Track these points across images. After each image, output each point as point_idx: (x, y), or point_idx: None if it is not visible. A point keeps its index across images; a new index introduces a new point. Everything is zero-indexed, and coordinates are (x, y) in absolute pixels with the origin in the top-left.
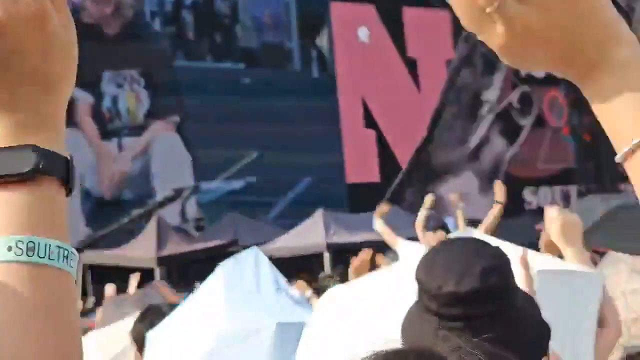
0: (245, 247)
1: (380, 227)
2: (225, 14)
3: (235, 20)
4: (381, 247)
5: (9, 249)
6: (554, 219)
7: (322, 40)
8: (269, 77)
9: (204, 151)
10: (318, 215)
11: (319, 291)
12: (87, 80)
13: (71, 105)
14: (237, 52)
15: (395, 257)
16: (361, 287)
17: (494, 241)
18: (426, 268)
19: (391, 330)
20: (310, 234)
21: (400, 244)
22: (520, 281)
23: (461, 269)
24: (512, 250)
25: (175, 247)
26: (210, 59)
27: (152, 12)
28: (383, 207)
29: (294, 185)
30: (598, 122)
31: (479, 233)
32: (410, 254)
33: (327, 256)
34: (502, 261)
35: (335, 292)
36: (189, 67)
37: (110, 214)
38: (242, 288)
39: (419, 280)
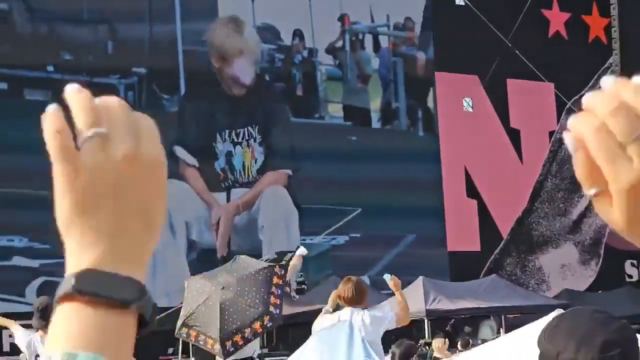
0: None
1: None
2: (331, 73)
3: (342, 78)
4: (480, 316)
5: None
6: None
7: (428, 101)
8: (375, 135)
9: (309, 206)
10: (418, 282)
11: (421, 357)
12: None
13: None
14: (345, 109)
15: (494, 327)
16: (477, 355)
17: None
18: (549, 334)
19: None
20: (410, 300)
21: None
22: None
23: (582, 338)
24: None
25: None
26: (317, 116)
27: (262, 68)
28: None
29: (398, 242)
30: None
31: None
32: None
33: (426, 323)
34: (627, 336)
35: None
36: (299, 123)
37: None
38: (335, 358)
39: (540, 345)
